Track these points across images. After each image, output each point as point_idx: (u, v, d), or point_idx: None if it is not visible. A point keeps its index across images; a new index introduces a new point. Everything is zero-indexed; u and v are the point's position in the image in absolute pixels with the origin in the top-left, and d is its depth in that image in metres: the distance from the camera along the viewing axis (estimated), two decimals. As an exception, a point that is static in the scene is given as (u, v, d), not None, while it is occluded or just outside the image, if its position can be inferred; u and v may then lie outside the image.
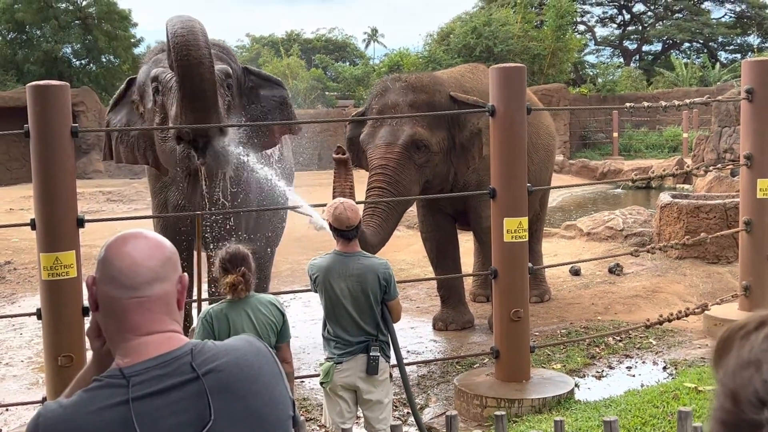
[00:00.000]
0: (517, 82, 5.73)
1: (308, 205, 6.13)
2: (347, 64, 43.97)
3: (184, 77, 5.48)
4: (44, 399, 4.83)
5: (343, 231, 4.29)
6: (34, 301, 8.16)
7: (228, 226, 6.78)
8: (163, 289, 1.58)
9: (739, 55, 43.50)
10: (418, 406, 5.39)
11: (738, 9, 45.25)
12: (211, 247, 7.15)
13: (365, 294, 4.25)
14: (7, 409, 5.97)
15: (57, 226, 4.72)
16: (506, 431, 3.04)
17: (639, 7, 47.35)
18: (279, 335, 3.87)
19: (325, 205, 4.61)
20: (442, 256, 8.24)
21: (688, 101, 7.58)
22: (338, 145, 5.76)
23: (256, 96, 6.73)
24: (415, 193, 7.20)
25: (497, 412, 3.10)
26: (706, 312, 7.37)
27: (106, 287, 1.56)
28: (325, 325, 4.42)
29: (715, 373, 0.92)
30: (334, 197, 5.72)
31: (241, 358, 1.58)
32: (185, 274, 1.64)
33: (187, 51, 5.39)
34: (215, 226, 6.80)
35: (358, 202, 4.78)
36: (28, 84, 4.81)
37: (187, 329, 5.11)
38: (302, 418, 4.07)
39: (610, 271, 9.99)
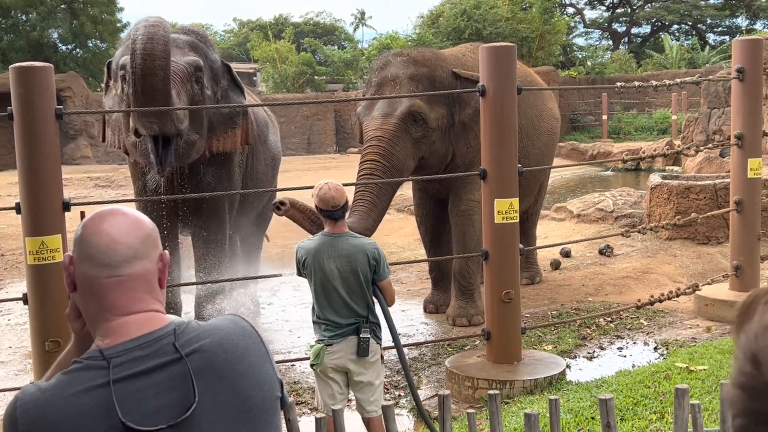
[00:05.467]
0: (507, 61, 5.67)
1: None
2: (336, 47, 43.75)
3: (136, 84, 5.47)
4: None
5: (329, 211, 4.24)
6: (21, 287, 8.08)
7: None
8: (144, 267, 1.52)
9: (727, 37, 43.47)
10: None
11: (727, -10, 45.23)
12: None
13: (355, 274, 4.21)
14: (-6, 396, 5.92)
15: (42, 209, 4.64)
16: (499, 411, 3.01)
17: (628, -11, 47.30)
18: None
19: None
20: (436, 240, 8.20)
21: (679, 80, 7.54)
22: (273, 203, 5.60)
23: (226, 95, 6.71)
24: (410, 168, 7.02)
25: (491, 392, 3.06)
26: (696, 292, 7.36)
27: (84, 266, 1.51)
28: (314, 310, 4.38)
29: (735, 339, 0.90)
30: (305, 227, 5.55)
31: (225, 338, 1.54)
32: (166, 251, 1.59)
33: (142, 60, 5.38)
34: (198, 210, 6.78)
35: (346, 185, 4.71)
36: (11, 65, 4.72)
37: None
38: (291, 399, 4.03)
39: (601, 252, 9.98)
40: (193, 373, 1.46)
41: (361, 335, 4.25)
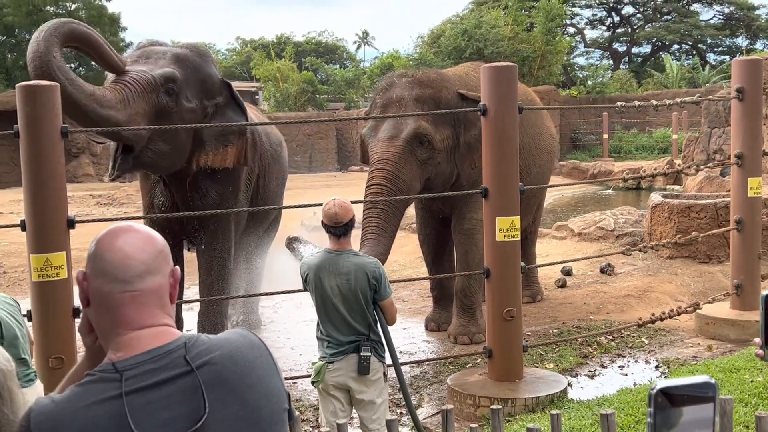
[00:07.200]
0: (508, 81, 5.71)
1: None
2: (337, 66, 43.90)
3: None
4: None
5: (332, 227, 4.26)
6: (24, 304, 8.10)
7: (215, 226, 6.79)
8: (156, 282, 1.56)
9: (728, 57, 43.67)
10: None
11: (726, 11, 45.47)
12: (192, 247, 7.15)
13: (354, 292, 4.22)
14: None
15: (47, 226, 4.68)
16: (502, 425, 3.03)
17: (628, 9, 47.55)
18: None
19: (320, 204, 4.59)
20: (439, 258, 8.20)
21: (679, 100, 7.59)
22: (287, 239, 5.69)
23: (222, 112, 6.62)
24: (416, 190, 6.97)
25: (494, 406, 3.09)
26: (697, 311, 7.37)
27: (98, 281, 1.54)
28: (318, 326, 4.40)
29: None
30: None
31: (235, 350, 1.57)
32: (177, 267, 1.63)
33: (30, 62, 5.41)
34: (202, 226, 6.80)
35: (354, 202, 4.73)
36: (18, 84, 4.76)
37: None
38: (297, 413, 4.04)
39: (602, 271, 9.99)
40: (204, 385, 1.49)
41: (361, 353, 4.25)
